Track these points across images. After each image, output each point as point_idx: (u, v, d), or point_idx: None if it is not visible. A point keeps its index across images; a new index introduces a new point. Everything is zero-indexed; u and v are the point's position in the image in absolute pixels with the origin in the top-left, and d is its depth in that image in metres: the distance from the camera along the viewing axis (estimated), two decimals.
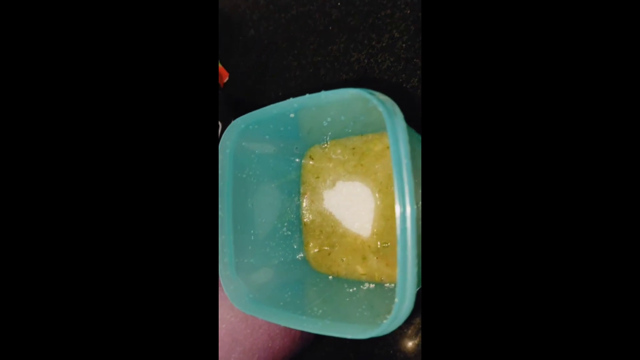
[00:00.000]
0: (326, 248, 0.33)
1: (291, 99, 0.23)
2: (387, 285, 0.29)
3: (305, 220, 0.34)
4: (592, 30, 0.15)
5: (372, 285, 0.29)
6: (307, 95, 0.22)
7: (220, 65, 0.47)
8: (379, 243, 0.30)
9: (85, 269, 0.17)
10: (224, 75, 0.47)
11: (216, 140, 0.39)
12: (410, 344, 0.36)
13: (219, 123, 0.42)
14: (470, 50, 0.16)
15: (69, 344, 0.17)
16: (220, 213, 0.28)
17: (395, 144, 0.19)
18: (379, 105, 0.20)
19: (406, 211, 0.19)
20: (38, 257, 0.17)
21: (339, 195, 0.33)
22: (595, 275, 0.15)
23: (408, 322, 0.35)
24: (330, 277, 0.32)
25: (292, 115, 0.25)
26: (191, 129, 0.18)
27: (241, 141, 0.28)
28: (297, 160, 0.34)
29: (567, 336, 0.15)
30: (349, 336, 0.20)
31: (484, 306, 0.16)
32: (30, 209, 0.17)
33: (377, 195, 0.31)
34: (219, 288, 0.29)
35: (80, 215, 0.17)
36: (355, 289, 0.29)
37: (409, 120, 0.21)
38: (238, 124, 0.26)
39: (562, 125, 0.15)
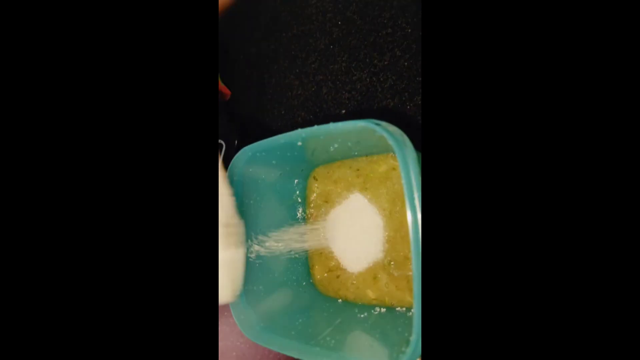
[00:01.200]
0: (335, 271, 0.32)
1: (299, 130, 0.23)
2: (398, 309, 0.29)
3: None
4: (592, 53, 0.15)
5: (383, 310, 0.29)
6: (315, 127, 0.22)
7: (222, 84, 0.47)
8: (386, 261, 0.30)
9: (83, 286, 0.17)
10: (226, 94, 0.47)
11: (216, 161, 0.39)
12: None
13: (222, 142, 0.41)
14: (470, 67, 0.16)
15: None
16: None
17: (407, 176, 0.19)
18: (389, 138, 0.20)
19: (419, 244, 0.19)
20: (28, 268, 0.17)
21: (344, 215, 0.33)
22: (595, 285, 0.15)
23: None
24: (340, 300, 0.31)
25: (299, 143, 0.25)
26: (191, 149, 0.18)
27: (248, 168, 0.28)
28: (302, 182, 0.34)
29: (567, 348, 0.15)
30: None
31: (483, 324, 0.16)
32: (24, 223, 0.17)
33: (382, 217, 0.31)
34: (229, 314, 0.28)
35: (78, 230, 0.17)
36: (366, 314, 0.28)
37: (414, 140, 0.21)
38: (245, 152, 0.26)
39: (562, 143, 0.16)
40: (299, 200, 0.34)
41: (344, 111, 0.41)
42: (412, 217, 0.19)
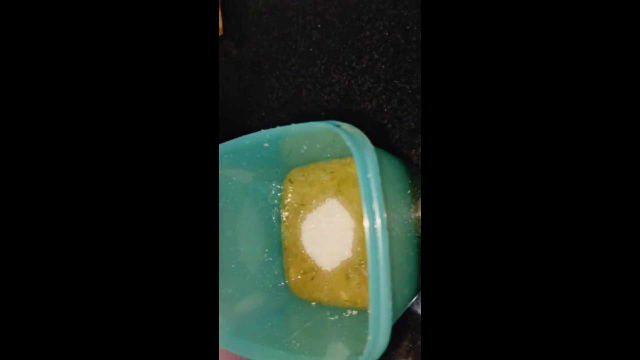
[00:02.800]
0: (309, 273, 0.32)
1: (263, 131, 0.23)
2: (369, 311, 0.28)
3: (286, 244, 0.34)
4: (586, 48, 0.15)
5: (354, 312, 0.29)
6: (278, 128, 0.22)
7: None
8: (358, 261, 0.30)
9: (68, 278, 0.17)
10: None
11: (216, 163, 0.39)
12: None
13: None
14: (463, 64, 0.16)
15: None
16: None
17: (364, 177, 0.19)
18: (347, 140, 0.20)
19: (378, 245, 0.19)
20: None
21: (319, 218, 0.33)
22: (595, 282, 0.15)
23: (396, 345, 0.34)
24: (314, 303, 0.31)
25: (266, 144, 0.24)
26: (187, 148, 0.18)
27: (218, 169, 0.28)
28: (277, 185, 0.34)
29: (567, 347, 0.15)
30: None
31: (483, 321, 0.15)
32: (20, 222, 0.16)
33: (355, 219, 0.31)
34: None
35: (66, 222, 0.17)
36: (337, 316, 0.28)
37: (388, 143, 0.21)
38: None
39: (560, 142, 0.15)
40: (275, 202, 0.34)
41: (323, 113, 0.41)
42: (370, 220, 0.19)
